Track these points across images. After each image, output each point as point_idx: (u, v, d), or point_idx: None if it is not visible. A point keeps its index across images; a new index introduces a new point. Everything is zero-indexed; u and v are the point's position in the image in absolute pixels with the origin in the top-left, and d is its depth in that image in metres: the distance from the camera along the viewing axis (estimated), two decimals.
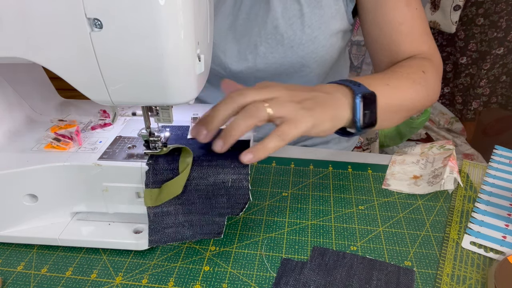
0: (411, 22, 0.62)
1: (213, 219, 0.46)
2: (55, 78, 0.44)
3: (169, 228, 0.46)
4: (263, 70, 0.68)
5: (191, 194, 0.44)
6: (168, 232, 0.46)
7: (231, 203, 0.45)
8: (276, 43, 0.65)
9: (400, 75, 0.57)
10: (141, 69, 0.36)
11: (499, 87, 1.66)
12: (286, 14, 0.63)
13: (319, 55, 0.66)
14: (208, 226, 0.46)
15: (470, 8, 1.55)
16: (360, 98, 0.47)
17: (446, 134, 1.73)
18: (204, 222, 0.46)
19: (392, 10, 0.61)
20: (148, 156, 0.46)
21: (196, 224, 0.46)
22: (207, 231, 0.46)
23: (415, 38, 0.63)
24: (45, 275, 0.45)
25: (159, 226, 0.45)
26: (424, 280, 0.44)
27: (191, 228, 0.46)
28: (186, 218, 0.46)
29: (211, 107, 0.44)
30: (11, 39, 0.36)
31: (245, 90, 0.43)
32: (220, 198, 0.45)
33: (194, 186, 0.44)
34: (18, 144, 0.50)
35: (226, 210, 0.45)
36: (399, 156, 0.65)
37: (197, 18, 0.37)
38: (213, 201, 0.45)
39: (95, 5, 0.33)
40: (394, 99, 0.54)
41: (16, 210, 0.47)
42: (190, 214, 0.46)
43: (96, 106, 0.59)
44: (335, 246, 0.48)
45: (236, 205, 0.45)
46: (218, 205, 0.45)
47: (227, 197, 0.44)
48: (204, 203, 0.45)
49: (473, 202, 0.55)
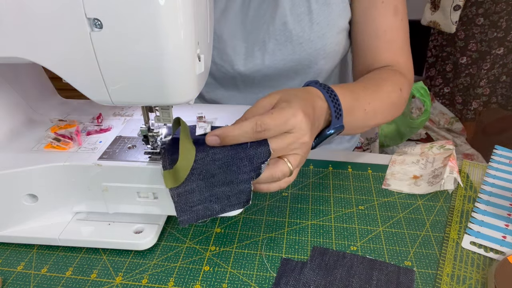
0: (395, 32, 0.64)
1: (238, 187, 0.44)
2: (55, 78, 0.44)
3: (197, 206, 0.44)
4: (271, 67, 0.68)
5: (210, 166, 0.43)
6: (197, 210, 0.44)
7: (253, 165, 0.42)
8: (284, 39, 0.65)
9: (381, 95, 0.58)
10: (141, 69, 0.36)
11: (499, 87, 1.66)
12: (295, 11, 0.64)
13: (327, 52, 0.66)
14: (235, 196, 0.44)
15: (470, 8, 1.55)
16: (333, 130, 0.49)
17: (446, 134, 1.73)
18: (230, 193, 0.44)
19: (380, 17, 0.63)
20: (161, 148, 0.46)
21: (222, 196, 0.44)
22: (235, 202, 0.44)
23: (395, 49, 0.65)
24: (45, 275, 0.45)
25: (186, 206, 0.44)
26: (424, 280, 0.44)
27: (218, 202, 0.44)
28: (211, 192, 0.44)
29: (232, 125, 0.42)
30: (11, 39, 0.36)
31: (268, 126, 0.41)
32: (241, 162, 0.42)
33: (211, 156, 0.42)
34: (18, 144, 0.50)
35: (249, 174, 0.43)
36: (399, 156, 0.65)
37: (197, 18, 0.37)
38: (234, 167, 0.43)
39: (95, 5, 0.33)
40: (367, 123, 0.57)
41: (16, 210, 0.47)
42: (214, 187, 0.44)
43: (96, 106, 0.59)
44: (335, 246, 0.48)
45: (258, 164, 0.42)
46: (240, 170, 0.43)
47: (248, 159, 0.42)
48: (226, 172, 0.43)
49: (473, 202, 0.55)
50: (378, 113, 0.57)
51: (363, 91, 0.56)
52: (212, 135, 0.41)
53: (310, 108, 0.44)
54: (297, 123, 0.41)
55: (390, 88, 0.59)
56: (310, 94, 0.47)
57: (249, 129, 0.40)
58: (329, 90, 0.49)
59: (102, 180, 0.46)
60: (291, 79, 0.70)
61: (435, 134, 1.73)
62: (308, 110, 0.43)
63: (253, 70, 0.69)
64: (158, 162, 0.46)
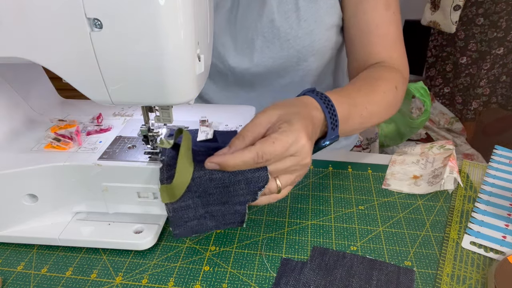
0: (388, 26, 0.64)
1: (233, 208, 0.44)
2: (55, 78, 0.44)
3: (192, 221, 0.44)
4: (260, 65, 0.68)
5: (207, 185, 0.42)
6: (191, 225, 0.44)
7: (250, 189, 0.42)
8: (272, 37, 0.65)
9: (378, 97, 0.57)
10: (141, 69, 0.36)
11: (499, 87, 1.66)
12: (282, 8, 0.64)
13: (316, 49, 0.66)
14: (230, 215, 0.44)
15: (470, 8, 1.55)
16: (328, 142, 0.48)
17: (446, 134, 1.73)
18: (225, 212, 0.44)
19: (372, 10, 0.63)
20: (160, 152, 0.46)
21: (218, 214, 0.44)
22: (230, 221, 0.44)
23: (389, 43, 0.64)
24: (45, 275, 0.45)
25: (181, 221, 0.44)
26: (424, 280, 0.44)
27: (213, 219, 0.45)
28: (206, 209, 0.44)
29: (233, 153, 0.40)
30: (11, 39, 0.36)
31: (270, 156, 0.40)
32: (238, 185, 0.42)
33: (209, 176, 0.42)
34: (18, 144, 0.50)
35: (245, 197, 0.43)
36: (399, 156, 0.65)
37: (197, 18, 0.37)
38: (231, 188, 0.43)
39: (95, 5, 0.33)
40: (363, 126, 0.56)
41: (16, 210, 0.47)
42: (209, 205, 0.44)
43: (96, 106, 0.59)
44: (335, 246, 0.48)
45: (255, 189, 0.42)
46: (236, 193, 0.43)
47: (245, 183, 0.42)
48: (222, 193, 0.43)
49: (473, 202, 0.55)
50: (374, 115, 0.57)
51: (360, 95, 0.55)
52: (212, 161, 0.40)
53: (310, 126, 0.43)
54: (299, 148, 0.41)
55: (385, 88, 0.59)
56: (307, 107, 0.46)
57: (249, 159, 0.39)
58: (326, 99, 0.47)
59: (102, 180, 0.46)
60: (280, 77, 0.71)
61: (435, 134, 1.73)
62: (309, 130, 0.42)
63: (243, 68, 0.69)
64: (158, 162, 0.46)
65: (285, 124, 0.41)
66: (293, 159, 0.41)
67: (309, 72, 0.70)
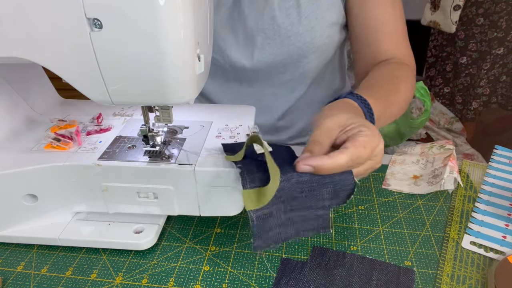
0: (394, 23, 0.64)
1: (316, 212, 0.42)
2: (55, 78, 0.44)
3: (274, 230, 0.41)
4: (260, 61, 0.68)
5: (293, 189, 0.40)
6: (272, 234, 0.41)
7: (336, 192, 0.41)
8: (273, 33, 0.66)
9: (400, 97, 0.58)
10: (141, 69, 0.36)
11: (499, 87, 1.66)
12: (283, 5, 0.64)
13: (316, 46, 0.67)
14: (311, 221, 0.42)
15: (470, 8, 1.55)
16: None
17: (446, 134, 1.73)
18: (307, 217, 0.42)
19: (378, 7, 0.63)
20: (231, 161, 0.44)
21: (298, 220, 0.42)
22: (311, 227, 0.42)
23: (397, 40, 0.65)
24: (45, 275, 0.45)
25: (264, 230, 0.40)
26: (424, 280, 0.44)
27: (293, 226, 0.42)
28: (288, 215, 0.41)
29: (327, 156, 0.39)
30: (11, 39, 0.36)
31: (363, 159, 0.41)
32: (325, 188, 0.40)
33: (296, 178, 0.39)
34: (18, 144, 0.50)
35: (330, 202, 0.41)
36: (399, 156, 0.65)
37: (197, 18, 0.37)
38: (317, 192, 0.40)
39: (95, 5, 0.33)
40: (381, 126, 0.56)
41: (16, 210, 0.47)
42: (292, 211, 0.41)
43: (96, 106, 0.59)
44: (335, 246, 0.48)
45: (341, 192, 0.41)
46: (322, 197, 0.41)
47: (333, 185, 0.40)
48: (307, 197, 0.41)
49: (473, 202, 0.55)
50: (393, 116, 0.58)
51: (388, 97, 0.56)
52: (307, 164, 0.39)
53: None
54: (379, 152, 0.42)
55: (405, 88, 0.60)
56: (358, 112, 0.47)
57: (344, 162, 0.39)
58: (365, 102, 0.49)
59: (102, 180, 0.46)
60: (281, 74, 0.71)
61: (435, 134, 1.73)
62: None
63: (243, 63, 0.69)
64: (158, 162, 0.46)
65: (365, 128, 0.41)
66: (371, 162, 0.42)
67: (310, 69, 0.70)
